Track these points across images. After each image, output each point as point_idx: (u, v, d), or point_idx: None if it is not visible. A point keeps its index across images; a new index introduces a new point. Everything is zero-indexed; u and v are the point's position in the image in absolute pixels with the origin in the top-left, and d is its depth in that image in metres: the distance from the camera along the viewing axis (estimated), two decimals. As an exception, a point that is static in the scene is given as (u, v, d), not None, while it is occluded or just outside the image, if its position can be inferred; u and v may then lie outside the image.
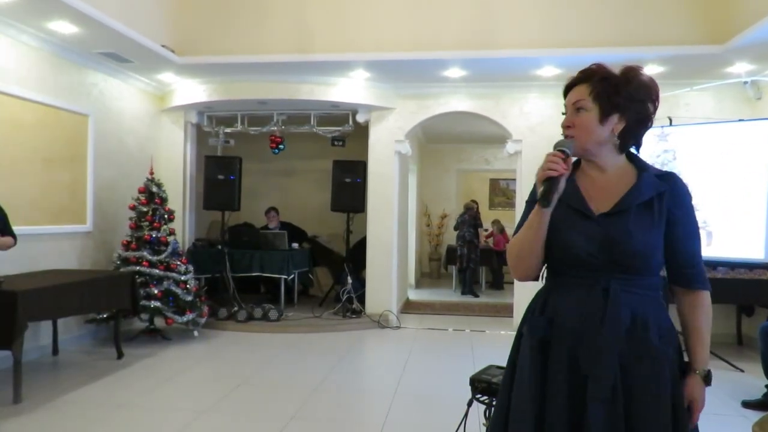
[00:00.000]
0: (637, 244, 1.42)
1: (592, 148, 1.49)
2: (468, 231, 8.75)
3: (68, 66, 5.21)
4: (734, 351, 5.45)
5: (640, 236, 1.42)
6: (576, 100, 1.50)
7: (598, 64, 1.51)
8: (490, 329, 6.43)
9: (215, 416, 3.62)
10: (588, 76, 1.49)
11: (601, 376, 1.38)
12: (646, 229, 1.43)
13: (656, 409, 1.40)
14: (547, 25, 5.28)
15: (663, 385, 1.41)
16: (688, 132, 5.18)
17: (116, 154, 5.96)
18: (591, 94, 1.47)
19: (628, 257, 1.42)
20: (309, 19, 5.58)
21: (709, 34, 4.95)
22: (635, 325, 1.42)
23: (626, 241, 1.41)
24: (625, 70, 1.48)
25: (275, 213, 7.84)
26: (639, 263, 1.43)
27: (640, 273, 1.44)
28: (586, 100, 1.47)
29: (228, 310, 6.30)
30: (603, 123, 1.46)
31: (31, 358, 4.68)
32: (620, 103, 1.45)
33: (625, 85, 1.45)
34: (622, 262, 1.42)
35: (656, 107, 1.50)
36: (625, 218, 1.44)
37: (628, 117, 1.46)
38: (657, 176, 1.49)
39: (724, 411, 3.82)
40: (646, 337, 1.41)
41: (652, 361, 1.41)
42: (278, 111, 6.80)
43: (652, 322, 1.43)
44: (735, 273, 5.17)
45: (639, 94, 1.46)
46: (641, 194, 1.46)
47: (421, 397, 4.11)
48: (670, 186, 1.47)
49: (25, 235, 4.43)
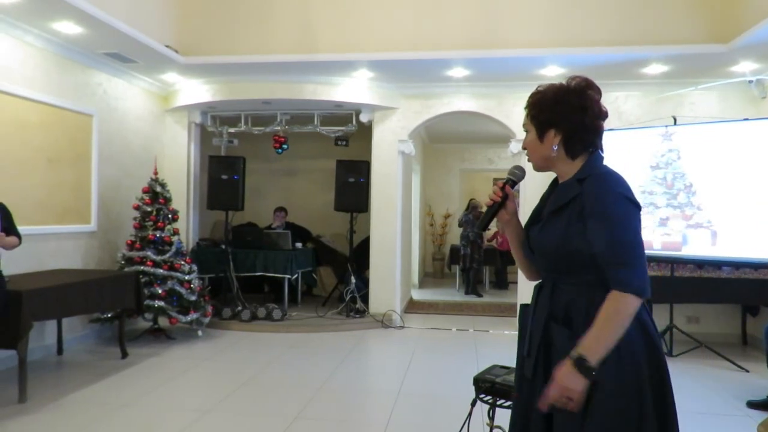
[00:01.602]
0: (546, 246, 1.61)
1: (543, 164, 1.67)
2: (471, 231, 8.75)
3: (73, 66, 5.23)
4: (739, 351, 5.43)
5: (546, 241, 1.60)
6: (523, 124, 1.70)
7: (540, 87, 1.67)
8: (494, 329, 6.43)
9: (219, 415, 3.63)
10: (528, 102, 1.68)
11: (528, 357, 1.63)
12: (554, 234, 1.57)
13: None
14: (551, 24, 5.27)
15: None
16: (692, 131, 5.16)
17: (120, 154, 5.98)
18: (528, 116, 1.67)
19: (545, 258, 1.63)
20: (312, 19, 5.58)
21: (714, 33, 4.93)
22: (567, 316, 1.56)
23: (540, 244, 1.64)
24: (557, 89, 1.62)
25: (282, 213, 7.86)
26: (559, 264, 1.59)
27: (570, 272, 1.57)
28: (527, 124, 1.68)
29: (232, 310, 6.31)
30: (542, 140, 1.63)
31: (36, 357, 4.71)
32: (548, 119, 1.61)
33: (553, 103, 1.60)
34: (546, 263, 1.64)
35: (587, 113, 1.58)
36: (539, 226, 1.65)
37: (562, 129, 1.60)
38: (578, 180, 1.57)
39: (728, 411, 3.80)
40: (559, 328, 1.56)
41: (560, 345, 1.54)
42: (282, 111, 6.81)
43: (578, 312, 1.54)
44: (740, 273, 5.16)
45: (565, 107, 1.59)
46: (555, 202, 1.61)
47: (424, 397, 4.11)
48: (583, 188, 1.54)
49: (30, 235, 4.45)
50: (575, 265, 1.54)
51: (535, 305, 1.67)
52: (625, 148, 5.36)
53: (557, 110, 1.59)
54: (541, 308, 1.63)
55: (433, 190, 11.45)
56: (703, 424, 3.57)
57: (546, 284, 1.66)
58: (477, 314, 7.30)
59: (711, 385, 4.34)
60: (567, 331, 1.53)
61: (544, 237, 1.61)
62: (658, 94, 5.99)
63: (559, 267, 1.59)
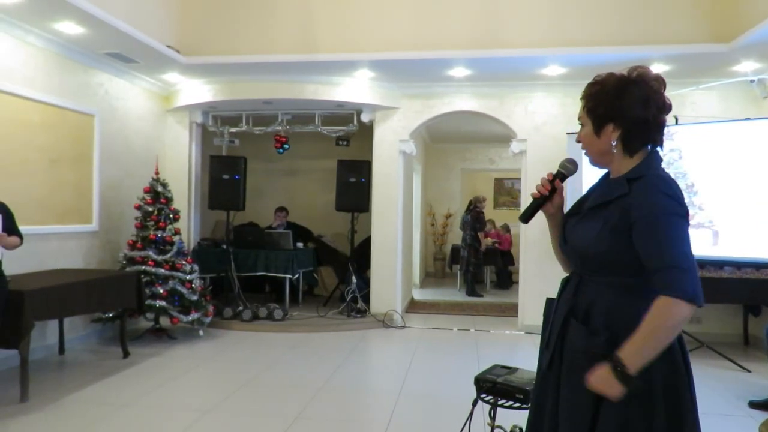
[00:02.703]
0: (575, 242, 1.56)
1: (600, 159, 1.59)
2: (469, 234, 8.74)
3: (74, 66, 5.23)
4: (741, 351, 5.43)
5: (579, 237, 1.54)
6: (579, 117, 1.61)
7: (597, 77, 1.57)
8: (495, 329, 6.42)
9: (220, 415, 3.63)
10: (584, 92, 1.59)
11: (546, 350, 1.62)
12: (588, 231, 1.51)
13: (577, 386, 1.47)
14: (553, 24, 5.26)
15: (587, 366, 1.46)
16: (694, 131, 5.15)
17: (122, 154, 5.99)
18: (584, 109, 1.58)
19: (577, 256, 1.57)
20: (314, 19, 5.58)
21: (715, 33, 4.93)
22: (587, 313, 1.52)
23: (575, 242, 1.57)
24: (618, 80, 1.52)
25: (283, 213, 7.86)
26: (587, 262, 1.54)
27: (598, 271, 1.52)
28: (583, 117, 1.58)
29: (233, 310, 6.32)
30: (599, 135, 1.55)
31: (37, 357, 4.71)
32: (607, 112, 1.51)
33: (615, 96, 1.50)
34: (578, 261, 1.58)
35: (651, 108, 1.49)
36: (575, 219, 1.59)
37: (622, 124, 1.51)
38: (627, 180, 1.48)
39: (730, 411, 3.79)
40: (577, 325, 1.53)
41: (576, 341, 1.52)
42: (283, 111, 6.81)
43: (599, 312, 1.50)
44: (742, 273, 5.15)
45: (627, 101, 1.48)
46: (598, 198, 1.55)
47: (425, 397, 4.11)
48: (632, 190, 1.46)
49: (32, 235, 4.45)
50: (604, 265, 1.49)
51: (559, 299, 1.64)
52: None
53: (617, 104, 1.49)
54: (563, 302, 1.60)
55: (435, 189, 11.44)
56: (705, 424, 3.53)
57: (572, 279, 1.62)
58: (478, 314, 7.30)
59: (713, 385, 4.33)
60: (584, 328, 1.50)
61: (577, 232, 1.56)
62: (659, 93, 5.97)
63: (586, 264, 1.55)
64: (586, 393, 1.43)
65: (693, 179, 5.04)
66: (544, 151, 6.14)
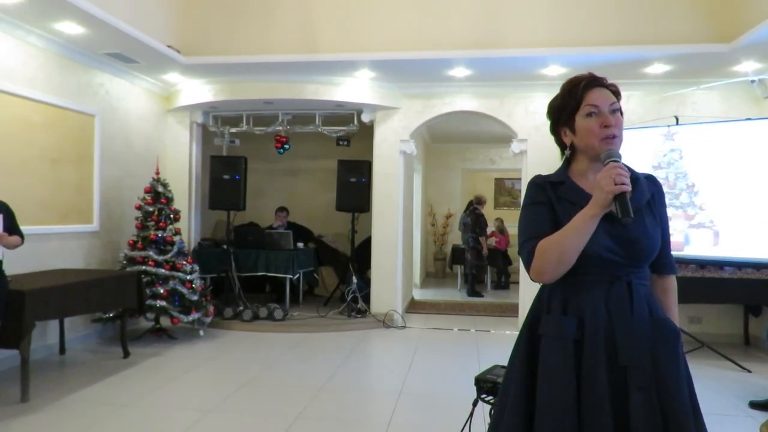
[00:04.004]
0: (651, 240, 1.52)
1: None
2: (470, 236, 8.73)
3: (75, 66, 5.24)
4: (741, 351, 5.42)
5: (652, 233, 1.53)
6: (612, 102, 1.56)
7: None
8: (495, 329, 6.42)
9: (221, 415, 3.63)
10: (607, 84, 1.60)
11: (642, 365, 1.44)
12: (654, 227, 1.55)
13: (680, 390, 1.47)
14: (553, 24, 5.26)
15: (682, 363, 1.51)
16: (694, 131, 5.15)
17: (122, 154, 5.99)
18: (619, 100, 1.58)
19: (646, 253, 1.52)
20: (314, 19, 5.58)
21: (716, 33, 4.92)
22: (653, 312, 1.52)
23: (644, 238, 1.50)
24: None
25: (283, 213, 7.86)
26: (651, 258, 1.55)
27: (644, 266, 1.57)
28: (620, 104, 1.57)
29: (233, 310, 6.32)
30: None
31: (38, 357, 4.72)
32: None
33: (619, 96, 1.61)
34: (638, 258, 1.51)
35: None
36: (640, 217, 1.51)
37: None
38: (645, 178, 1.61)
39: (731, 411, 3.80)
40: (666, 320, 1.54)
41: (674, 342, 1.51)
42: (283, 111, 6.82)
43: (659, 308, 1.57)
44: (742, 273, 5.14)
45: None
46: (643, 195, 1.57)
47: (426, 397, 4.11)
48: (657, 188, 1.62)
49: (33, 235, 4.46)
50: (649, 260, 1.57)
51: (630, 308, 1.47)
52: (627, 148, 5.34)
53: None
54: (641, 312, 1.48)
55: (435, 189, 11.44)
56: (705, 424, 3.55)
57: (614, 281, 1.48)
58: (478, 314, 7.30)
59: (713, 386, 4.33)
60: (669, 319, 1.57)
61: (647, 230, 1.51)
62: (660, 93, 5.98)
63: (641, 261, 1.52)
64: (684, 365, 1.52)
65: (694, 179, 5.04)
66: (545, 152, 6.14)
